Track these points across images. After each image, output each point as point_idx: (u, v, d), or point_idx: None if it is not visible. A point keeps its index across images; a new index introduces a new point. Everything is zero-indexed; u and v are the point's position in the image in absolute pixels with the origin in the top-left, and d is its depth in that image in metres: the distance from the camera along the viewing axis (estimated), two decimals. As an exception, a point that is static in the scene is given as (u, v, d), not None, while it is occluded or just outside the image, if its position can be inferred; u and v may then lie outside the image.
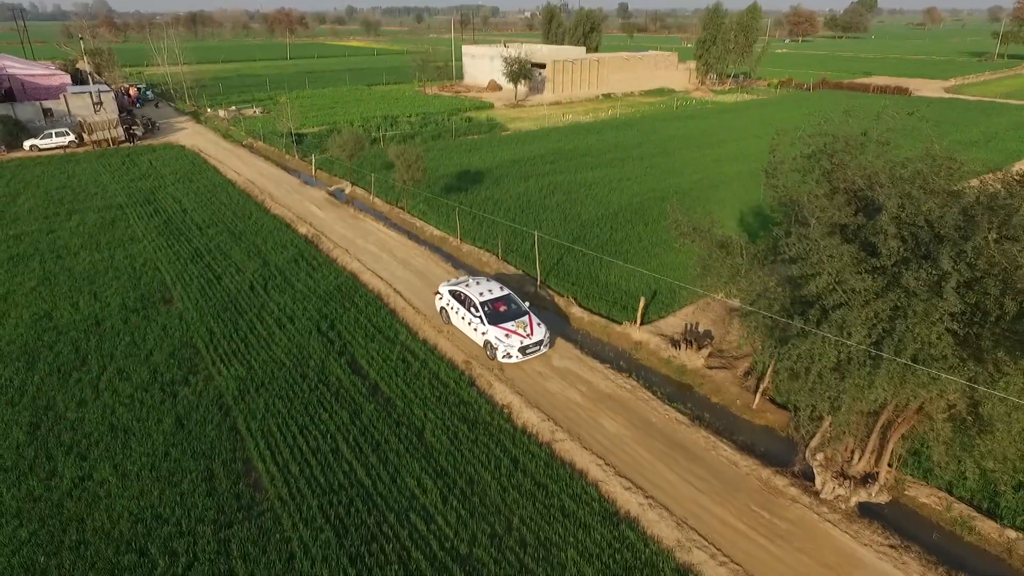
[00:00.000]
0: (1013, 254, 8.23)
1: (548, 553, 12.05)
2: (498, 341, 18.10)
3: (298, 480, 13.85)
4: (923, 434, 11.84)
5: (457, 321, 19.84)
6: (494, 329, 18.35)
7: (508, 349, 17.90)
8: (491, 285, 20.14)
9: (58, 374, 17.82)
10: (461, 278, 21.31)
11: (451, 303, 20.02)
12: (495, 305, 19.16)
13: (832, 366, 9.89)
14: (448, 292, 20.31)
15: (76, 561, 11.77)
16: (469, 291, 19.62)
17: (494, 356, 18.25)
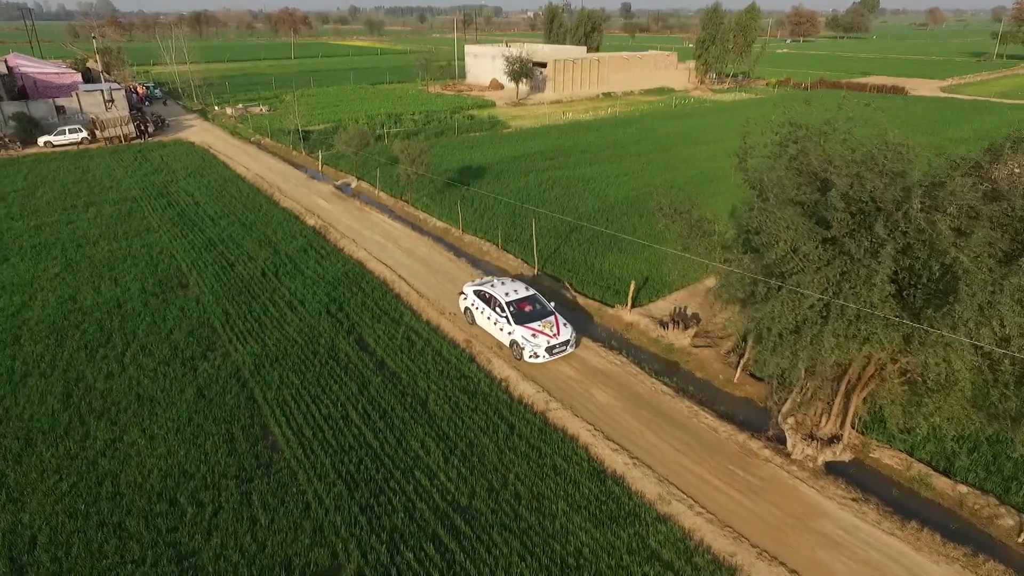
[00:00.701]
0: (934, 222, 9.40)
1: (540, 505, 13.24)
2: (524, 341, 18.06)
3: (311, 442, 15.07)
4: (882, 398, 12.99)
5: (482, 321, 19.82)
6: (520, 329, 18.31)
7: (535, 349, 17.86)
8: (516, 285, 20.03)
9: (86, 350, 19.07)
10: (485, 278, 21.17)
11: (476, 303, 19.97)
12: (520, 305, 19.09)
13: (791, 328, 11.07)
14: (473, 292, 20.25)
15: (113, 509, 13.01)
16: (494, 291, 19.53)
17: (520, 356, 18.19)
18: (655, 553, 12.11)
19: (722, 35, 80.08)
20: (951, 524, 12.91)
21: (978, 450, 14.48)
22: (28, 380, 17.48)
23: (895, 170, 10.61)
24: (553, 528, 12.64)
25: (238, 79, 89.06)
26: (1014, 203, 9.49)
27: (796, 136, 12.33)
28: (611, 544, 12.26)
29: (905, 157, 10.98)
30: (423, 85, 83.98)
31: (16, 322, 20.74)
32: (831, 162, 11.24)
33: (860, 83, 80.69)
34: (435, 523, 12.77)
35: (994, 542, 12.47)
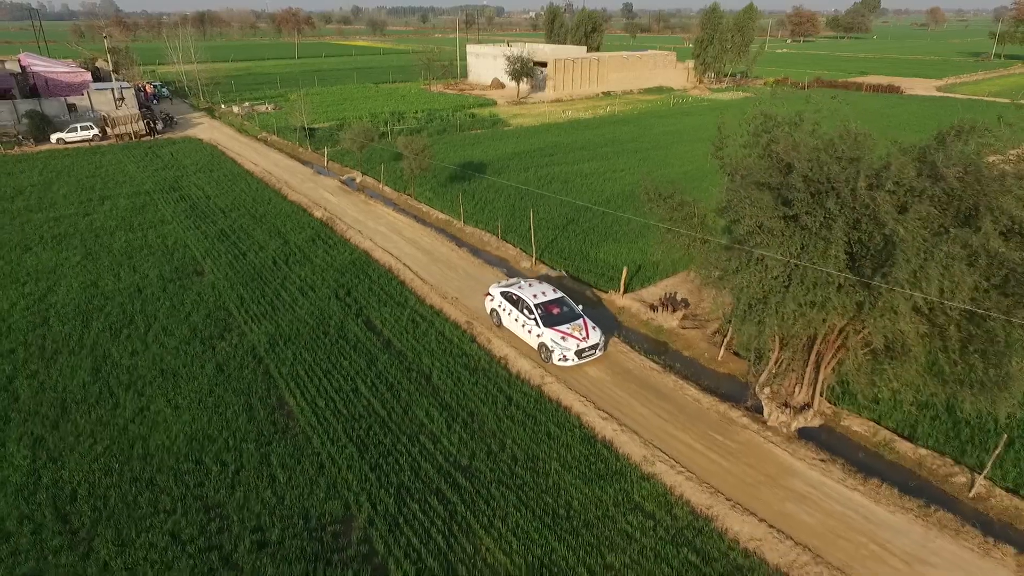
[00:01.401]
0: (875, 198, 10.59)
1: (535, 465, 14.45)
2: (554, 344, 17.91)
3: (324, 411, 16.30)
4: (848, 367, 14.18)
5: (509, 323, 19.74)
6: (550, 331, 18.17)
7: (564, 352, 17.73)
8: (544, 287, 19.88)
9: (110, 330, 20.33)
10: (512, 280, 20.95)
11: (503, 305, 19.87)
12: (548, 307, 18.92)
13: (759, 298, 12.25)
14: (500, 294, 20.14)
15: (144, 467, 14.25)
16: (522, 293, 19.39)
17: (549, 359, 18.07)
18: (639, 505, 13.31)
19: (720, 35, 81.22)
20: (910, 482, 14.10)
21: (939, 418, 15.66)
22: (59, 357, 18.74)
23: (851, 155, 11.79)
24: (546, 484, 13.85)
25: (243, 78, 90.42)
26: (951, 183, 10.69)
27: (768, 127, 13.54)
28: (599, 498, 13.47)
29: (863, 144, 12.17)
30: (425, 84, 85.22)
31: (43, 305, 21.99)
32: (796, 148, 12.44)
33: (856, 82, 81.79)
34: (439, 480, 13.99)
35: (947, 496, 13.67)
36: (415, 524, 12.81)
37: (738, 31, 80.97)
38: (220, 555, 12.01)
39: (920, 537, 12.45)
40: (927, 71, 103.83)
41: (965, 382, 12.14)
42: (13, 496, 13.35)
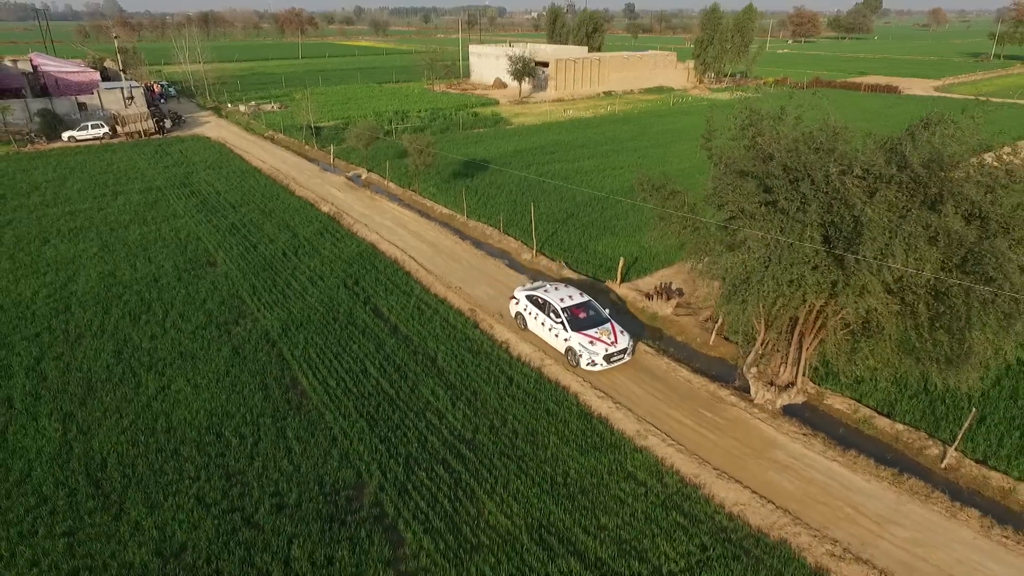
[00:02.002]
0: (846, 182, 11.49)
1: (534, 438, 15.39)
2: (582, 348, 17.77)
3: (335, 390, 17.25)
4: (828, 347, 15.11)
5: (535, 327, 19.66)
6: (577, 336, 18.05)
7: (592, 357, 17.61)
8: (571, 291, 19.80)
9: (130, 317, 21.31)
10: (537, 283, 20.82)
11: (529, 308, 19.81)
12: (575, 311, 18.79)
13: (742, 278, 13.18)
14: (525, 297, 20.09)
15: (169, 439, 15.22)
16: (548, 296, 19.28)
17: (576, 363, 17.93)
18: (631, 474, 14.24)
19: (720, 35, 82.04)
20: (886, 454, 15.02)
21: (917, 397, 16.57)
22: (82, 341, 19.72)
23: (828, 146, 12.70)
24: (545, 456, 14.78)
25: (248, 78, 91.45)
26: (916, 170, 11.59)
27: (753, 120, 14.46)
28: (594, 468, 14.40)
29: (840, 136, 13.08)
30: (428, 84, 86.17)
31: (64, 293, 22.98)
32: (778, 140, 13.36)
33: (855, 82, 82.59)
34: (444, 451, 14.94)
35: (920, 467, 14.57)
36: (423, 490, 13.75)
37: (738, 31, 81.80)
38: (242, 516, 12.97)
39: (892, 502, 13.37)
40: (926, 71, 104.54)
41: (934, 357, 13.05)
42: (48, 464, 14.31)
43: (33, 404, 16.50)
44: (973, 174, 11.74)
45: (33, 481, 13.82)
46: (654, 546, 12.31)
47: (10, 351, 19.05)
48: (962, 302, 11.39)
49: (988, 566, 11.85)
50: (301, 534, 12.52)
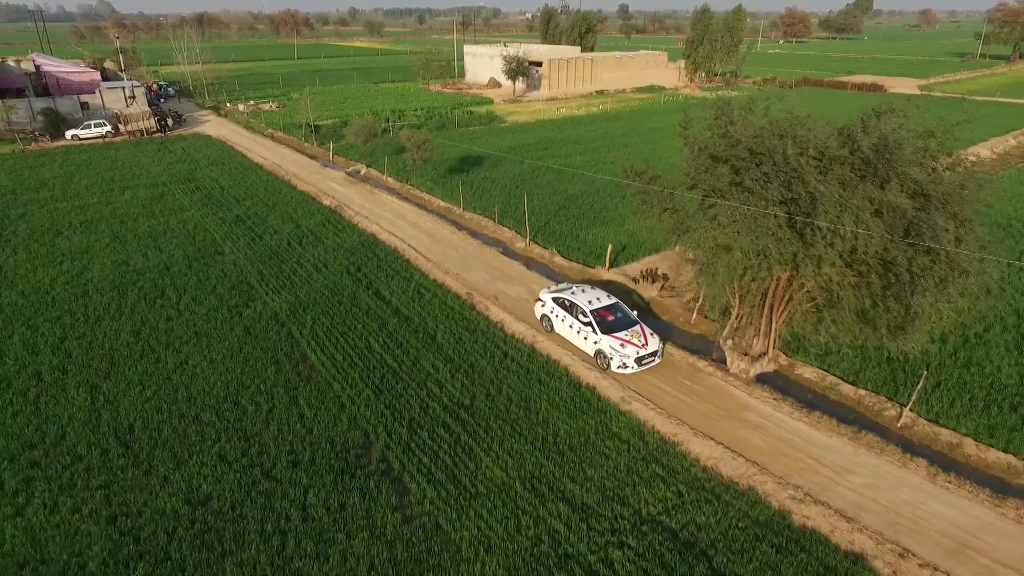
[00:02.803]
0: (800, 160, 12.89)
1: (528, 404, 16.72)
2: (613, 351, 17.74)
3: (342, 364, 18.55)
4: (796, 319, 16.51)
5: (563, 329, 19.58)
6: (608, 338, 18.00)
7: (624, 359, 17.59)
8: (598, 293, 19.81)
9: (145, 301, 22.55)
10: (562, 285, 20.96)
11: (556, 311, 19.78)
12: (602, 313, 18.82)
13: (714, 250, 14.56)
14: (552, 299, 20.08)
15: (189, 407, 16.49)
16: (576, 299, 19.30)
17: (607, 366, 17.89)
18: (616, 434, 15.59)
19: (710, 35, 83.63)
20: (848, 416, 16.42)
21: (880, 366, 17.99)
22: (102, 322, 20.95)
23: (790, 133, 14.08)
24: (536, 419, 16.12)
25: (245, 78, 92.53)
26: (866, 153, 12.98)
27: (725, 111, 15.86)
28: (581, 429, 15.75)
29: (802, 124, 14.48)
30: (424, 84, 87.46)
31: (81, 280, 24.19)
32: (746, 128, 14.75)
33: (841, 81, 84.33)
34: (444, 415, 16.26)
35: (878, 426, 15.99)
36: (425, 448, 15.07)
37: (727, 32, 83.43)
38: (262, 470, 14.26)
39: (850, 454, 14.78)
40: (913, 71, 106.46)
41: (886, 324, 14.46)
42: (80, 428, 15.57)
43: (61, 377, 17.74)
44: (917, 157, 13.15)
45: (67, 443, 15.08)
46: (635, 493, 13.66)
47: (35, 332, 20.27)
48: (906, 270, 12.80)
49: (931, 506, 13.26)
50: (315, 484, 13.82)
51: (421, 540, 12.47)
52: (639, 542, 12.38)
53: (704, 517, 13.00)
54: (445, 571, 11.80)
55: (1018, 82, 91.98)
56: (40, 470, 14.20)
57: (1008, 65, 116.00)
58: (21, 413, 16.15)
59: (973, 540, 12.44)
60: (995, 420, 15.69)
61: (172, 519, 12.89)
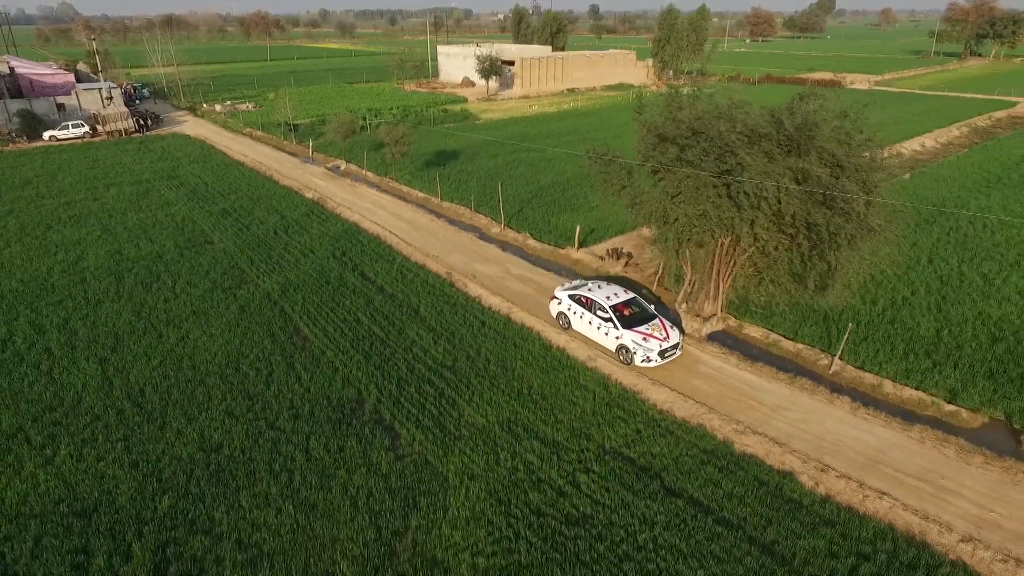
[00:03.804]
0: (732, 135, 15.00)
1: (504, 363, 18.57)
2: (636, 345, 17.94)
3: (334, 334, 20.20)
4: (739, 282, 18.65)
5: (581, 326, 19.69)
6: (630, 333, 18.19)
7: (647, 353, 17.79)
8: (615, 288, 19.91)
9: (142, 285, 23.88)
10: (577, 282, 21.01)
11: (573, 308, 19.86)
12: (620, 308, 19.00)
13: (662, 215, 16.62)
14: (568, 297, 20.14)
15: (194, 374, 18.00)
16: (594, 295, 19.40)
17: (630, 361, 18.07)
18: (583, 386, 17.52)
19: (676, 34, 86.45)
20: (788, 366, 18.59)
21: (817, 324, 20.23)
22: (103, 304, 22.27)
23: (727, 114, 16.17)
24: (512, 376, 17.98)
25: (220, 79, 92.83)
26: (788, 130, 15.12)
27: (675, 97, 17.94)
28: (552, 382, 17.65)
29: (739, 107, 16.60)
30: (398, 84, 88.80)
31: (78, 269, 25.40)
32: (691, 111, 16.84)
33: (802, 78, 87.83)
34: (429, 374, 18.04)
35: (813, 373, 18.18)
36: (413, 401, 16.83)
37: (693, 31, 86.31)
38: (266, 422, 15.89)
39: (786, 396, 16.93)
40: (870, 67, 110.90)
41: (813, 280, 16.66)
42: (95, 393, 17.00)
43: (70, 352, 19.10)
44: (835, 135, 15.34)
45: (84, 405, 16.51)
46: (599, 431, 15.61)
47: (39, 314, 21.53)
48: (825, 229, 14.96)
49: (850, 432, 15.45)
50: (316, 432, 15.50)
51: (412, 473, 14.24)
52: (602, 467, 14.32)
53: (659, 448, 14.99)
54: (435, 496, 13.59)
55: (967, 78, 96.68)
56: (62, 428, 15.63)
57: (959, 62, 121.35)
58: (37, 382, 17.51)
59: (883, 457, 14.64)
60: (911, 365, 18.00)
61: (189, 463, 14.47)
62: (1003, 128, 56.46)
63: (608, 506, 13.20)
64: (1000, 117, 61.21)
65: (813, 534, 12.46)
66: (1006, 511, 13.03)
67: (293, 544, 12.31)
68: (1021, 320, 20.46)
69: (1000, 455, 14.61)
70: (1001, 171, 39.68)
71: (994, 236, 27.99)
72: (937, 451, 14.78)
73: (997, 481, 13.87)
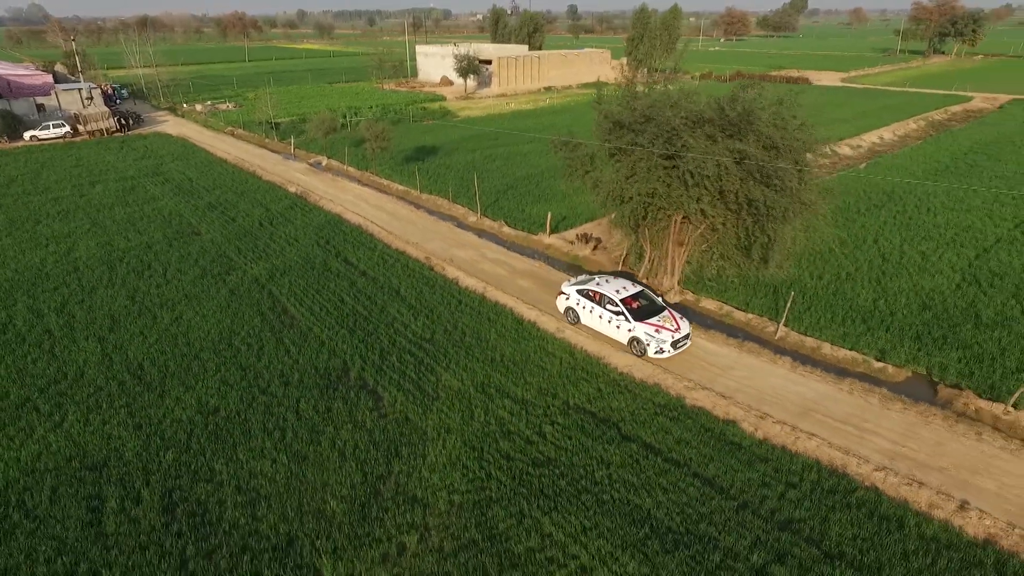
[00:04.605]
0: (677, 120, 16.74)
1: (479, 336, 20.09)
2: (648, 337, 18.18)
3: (320, 313, 21.57)
4: (693, 257, 20.38)
5: (591, 320, 19.91)
6: (642, 325, 18.46)
7: (660, 344, 18.04)
8: (623, 282, 20.16)
9: (135, 273, 25.02)
10: (583, 277, 21.32)
11: (582, 302, 20.06)
12: (629, 302, 19.27)
13: (618, 202, 18.30)
14: (576, 292, 20.33)
15: (189, 349, 19.28)
16: (602, 289, 19.65)
17: (643, 352, 18.30)
18: (551, 353, 19.11)
19: (649, 33, 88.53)
20: (738, 333, 20.38)
21: (766, 297, 22.06)
22: (97, 290, 23.39)
23: (676, 103, 17.89)
24: (486, 346, 19.51)
25: (199, 80, 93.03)
26: (730, 116, 16.87)
27: (631, 89, 19.65)
28: (523, 351, 19.21)
29: (690, 97, 18.34)
30: (377, 83, 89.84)
31: (70, 259, 26.43)
32: (645, 100, 18.55)
33: (771, 75, 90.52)
34: (409, 346, 19.51)
35: (760, 339, 19.97)
36: (395, 369, 18.29)
37: (665, 30, 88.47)
38: (259, 389, 17.25)
39: (735, 357, 18.68)
40: (839, 65, 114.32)
41: (757, 252, 18.44)
42: (96, 367, 18.22)
43: (69, 332, 20.26)
44: (770, 119, 17.12)
45: (87, 378, 17.73)
46: (564, 390, 17.20)
47: (36, 300, 22.61)
48: (763, 204, 16.72)
49: (789, 387, 17.24)
50: (305, 396, 16.91)
51: (395, 428, 15.72)
52: (565, 420, 15.93)
53: (617, 403, 16.63)
54: (415, 447, 15.08)
55: (928, 75, 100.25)
56: (68, 398, 16.85)
57: (923, 60, 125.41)
58: (40, 359, 18.69)
59: (815, 406, 16.44)
60: (848, 330, 19.87)
61: (189, 424, 15.80)
62: (958, 121, 59.25)
63: (570, 450, 14.80)
64: (955, 111, 64.10)
65: (749, 468, 14.18)
66: (916, 446, 14.87)
67: (287, 488, 13.73)
68: (949, 290, 22.49)
69: (917, 402, 16.50)
70: (950, 160, 42.11)
71: (935, 218, 30.15)
72: (863, 400, 16.62)
73: (912, 423, 15.73)
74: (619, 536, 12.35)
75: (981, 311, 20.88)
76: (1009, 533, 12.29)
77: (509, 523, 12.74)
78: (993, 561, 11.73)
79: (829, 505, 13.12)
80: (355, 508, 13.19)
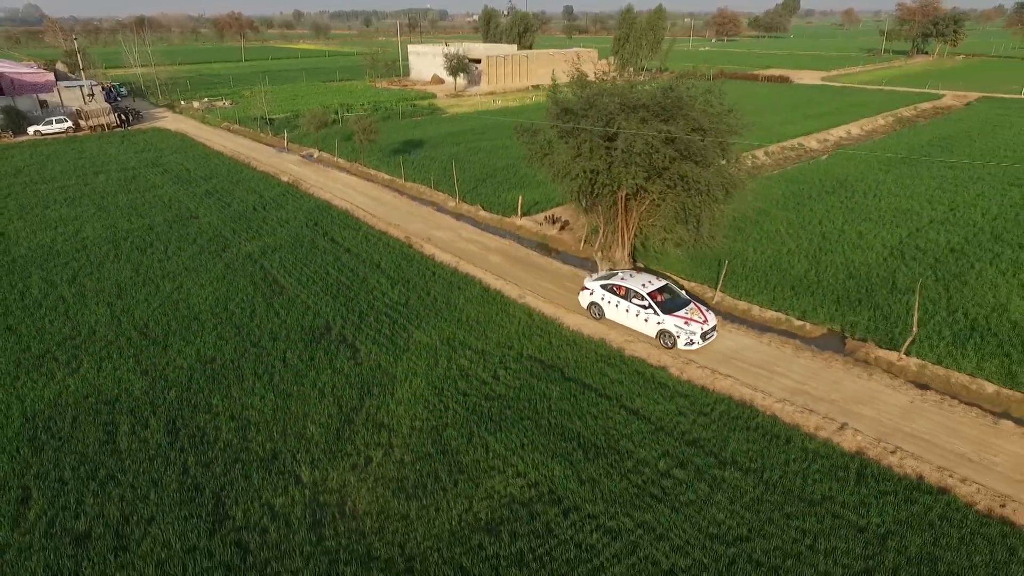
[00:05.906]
0: (612, 105, 19.16)
1: (449, 302, 22.46)
2: (678, 329, 18.52)
3: (307, 282, 23.92)
4: (642, 231, 22.80)
5: (617, 315, 20.14)
6: (671, 318, 18.77)
7: (690, 336, 18.39)
8: (648, 276, 20.52)
9: (138, 250, 27.35)
10: (606, 272, 21.79)
11: (606, 297, 20.32)
12: (654, 295, 19.59)
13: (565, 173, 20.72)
14: (600, 287, 20.62)
15: (188, 312, 21.61)
16: (628, 284, 19.94)
17: (673, 344, 18.61)
18: (512, 315, 21.48)
19: (635, 33, 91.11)
20: (680, 298, 22.78)
21: (709, 268, 24.47)
22: (104, 265, 25.73)
23: (617, 92, 20.30)
24: (455, 310, 21.88)
25: (196, 78, 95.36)
26: (663, 103, 19.28)
27: (580, 79, 22.07)
28: (487, 313, 21.59)
29: (632, 87, 20.76)
30: (371, 82, 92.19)
31: (78, 239, 28.76)
32: (591, 89, 20.97)
33: (753, 74, 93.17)
34: (386, 309, 21.88)
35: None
36: (371, 327, 20.65)
37: (650, 30, 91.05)
38: (251, 342, 19.61)
39: (672, 317, 21.08)
40: (823, 64, 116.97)
41: (693, 223, 20.86)
42: (106, 326, 20.56)
43: (81, 299, 22.60)
44: (700, 106, 19.54)
45: (98, 335, 20.07)
46: (519, 344, 19.57)
47: (49, 273, 24.93)
48: (693, 180, 19.14)
49: (718, 342, 19.58)
50: (291, 348, 19.26)
51: (368, 372, 18.08)
52: (518, 366, 18.31)
53: (564, 353, 19.01)
54: (385, 387, 17.45)
55: (907, 74, 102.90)
56: (82, 350, 19.19)
57: (906, 59, 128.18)
58: (56, 320, 21.03)
59: (736, 355, 18.82)
60: (777, 295, 22.28)
61: (189, 370, 18.15)
62: (925, 117, 61.81)
63: (518, 388, 17.20)
64: (925, 108, 66.67)
65: (669, 402, 16.58)
66: (815, 384, 17.30)
67: (274, 417, 16.09)
68: (876, 263, 24.93)
69: (823, 351, 18.93)
70: (907, 153, 44.60)
71: (879, 203, 32.62)
72: (778, 350, 19.04)
73: (816, 368, 18.15)
74: (550, 449, 14.75)
75: (898, 280, 23.32)
76: (875, 446, 14.71)
77: (460, 441, 15.12)
78: (857, 465, 14.14)
79: (731, 428, 15.52)
80: (331, 432, 15.56)
